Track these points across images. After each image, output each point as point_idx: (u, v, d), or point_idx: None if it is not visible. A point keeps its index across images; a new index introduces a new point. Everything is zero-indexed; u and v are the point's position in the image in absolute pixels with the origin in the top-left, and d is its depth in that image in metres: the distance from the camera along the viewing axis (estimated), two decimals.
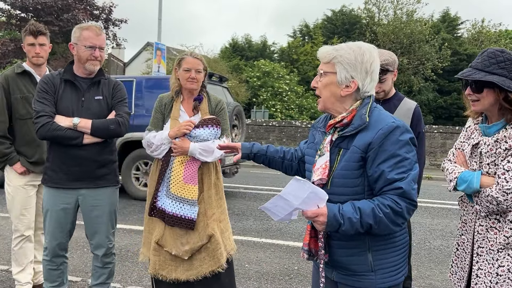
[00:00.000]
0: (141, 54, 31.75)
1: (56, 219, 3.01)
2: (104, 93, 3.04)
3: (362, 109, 1.85)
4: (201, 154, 2.92)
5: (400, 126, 1.77)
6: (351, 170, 1.80)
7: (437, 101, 24.97)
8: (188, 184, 2.93)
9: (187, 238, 2.96)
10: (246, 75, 23.09)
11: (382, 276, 1.83)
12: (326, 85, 1.90)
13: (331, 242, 1.89)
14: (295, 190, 1.74)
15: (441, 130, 16.03)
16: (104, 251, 3.12)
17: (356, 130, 1.81)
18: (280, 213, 1.83)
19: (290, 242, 5.54)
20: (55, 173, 2.97)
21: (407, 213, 1.74)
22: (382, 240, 1.83)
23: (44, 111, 2.85)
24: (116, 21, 23.80)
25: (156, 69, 16.42)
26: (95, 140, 2.93)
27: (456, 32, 27.70)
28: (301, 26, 29.28)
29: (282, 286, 4.12)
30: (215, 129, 2.99)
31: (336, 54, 1.85)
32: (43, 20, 20.50)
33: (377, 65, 1.88)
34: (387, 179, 1.73)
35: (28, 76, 3.42)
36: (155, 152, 2.98)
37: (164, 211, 2.93)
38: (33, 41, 3.37)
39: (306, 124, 16.92)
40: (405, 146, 1.76)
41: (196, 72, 2.98)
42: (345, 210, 1.73)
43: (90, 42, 2.92)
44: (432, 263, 4.97)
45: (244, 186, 9.80)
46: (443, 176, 2.20)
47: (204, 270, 2.95)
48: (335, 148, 1.87)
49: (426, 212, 7.73)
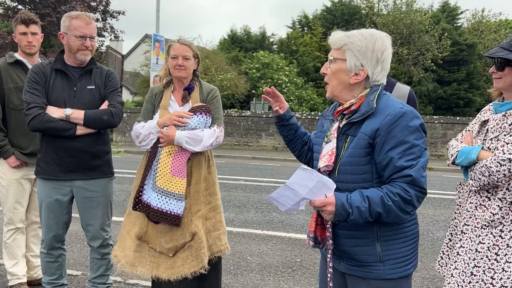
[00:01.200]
0: (140, 46, 31.61)
1: (50, 211, 2.96)
2: (96, 82, 2.97)
3: (371, 95, 1.80)
4: (188, 143, 2.75)
5: (408, 112, 1.73)
6: (358, 157, 1.75)
7: (437, 92, 24.87)
8: (176, 177, 2.76)
9: (171, 235, 2.81)
10: (245, 66, 22.96)
11: (390, 267, 1.79)
12: (335, 72, 1.86)
13: (339, 231, 1.85)
14: (301, 179, 1.70)
15: (441, 121, 15.97)
16: (100, 242, 3.07)
17: (363, 116, 1.76)
18: (287, 203, 1.79)
19: (292, 234, 5.49)
20: (48, 164, 2.91)
21: (417, 201, 1.71)
22: (391, 230, 1.79)
23: (35, 102, 2.78)
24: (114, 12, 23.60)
25: (155, 61, 16.32)
26: (89, 131, 2.86)
27: (456, 22, 27.51)
28: (300, 17, 29.07)
29: (284, 278, 4.07)
30: (204, 117, 2.82)
31: (348, 41, 1.81)
32: (40, 12, 20.32)
33: (389, 54, 1.84)
34: (396, 167, 1.69)
35: (20, 66, 3.34)
36: (143, 143, 2.86)
37: (149, 205, 2.77)
38: (25, 30, 3.29)
39: (306, 116, 16.85)
40: (415, 132, 1.71)
41: (184, 59, 2.82)
42: (353, 199, 1.70)
43: (80, 31, 2.83)
44: (435, 254, 4.92)
45: (245, 178, 9.75)
46: (444, 167, 2.15)
47: (186, 270, 2.78)
48: (342, 136, 1.83)
49: (429, 203, 7.68)
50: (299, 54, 25.63)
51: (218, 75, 20.40)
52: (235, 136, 17.30)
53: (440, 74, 25.04)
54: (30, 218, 3.51)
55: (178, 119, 2.76)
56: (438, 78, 25.19)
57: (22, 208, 3.39)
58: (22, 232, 3.43)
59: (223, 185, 8.49)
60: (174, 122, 2.76)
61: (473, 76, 25.48)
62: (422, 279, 4.19)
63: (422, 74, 24.11)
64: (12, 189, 3.33)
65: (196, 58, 2.92)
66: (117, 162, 3.30)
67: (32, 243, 3.56)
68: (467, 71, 25.17)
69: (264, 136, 16.91)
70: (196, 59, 2.92)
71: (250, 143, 17.14)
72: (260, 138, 17.09)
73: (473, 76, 25.45)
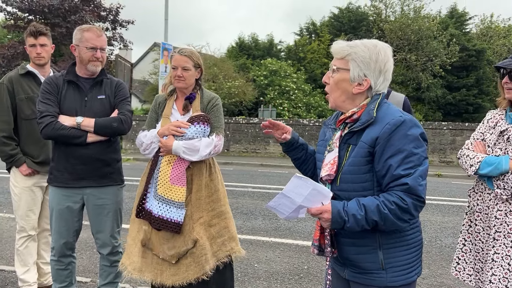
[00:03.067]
0: (148, 54, 31.88)
1: (62, 218, 3.02)
2: (106, 92, 3.05)
3: (371, 104, 1.83)
4: (185, 153, 2.78)
5: (407, 120, 1.75)
6: (359, 165, 1.77)
7: (445, 98, 24.73)
8: (175, 185, 2.80)
9: (173, 242, 2.84)
10: (253, 74, 23.04)
11: (393, 275, 1.80)
12: (338, 82, 1.88)
13: (341, 239, 1.87)
14: (296, 187, 1.73)
15: (450, 127, 15.89)
16: (109, 249, 3.12)
17: (364, 125, 1.79)
18: (285, 211, 1.82)
19: (300, 241, 5.50)
20: (60, 172, 2.98)
21: (414, 209, 1.71)
22: (393, 238, 1.80)
23: (48, 111, 2.88)
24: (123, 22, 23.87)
25: (163, 69, 16.45)
26: (99, 138, 2.94)
27: (464, 27, 27.40)
28: (308, 24, 29.16)
29: (292, 285, 4.08)
30: (202, 126, 2.84)
31: (351, 51, 1.83)
32: (50, 22, 20.63)
33: (391, 65, 1.86)
34: (393, 175, 1.71)
35: (32, 77, 3.44)
36: (146, 151, 2.93)
37: (151, 213, 2.82)
38: (34, 42, 3.39)
39: (314, 123, 16.86)
40: (414, 141, 1.72)
41: (183, 69, 2.85)
42: (349, 207, 1.72)
43: (91, 43, 2.94)
44: (443, 261, 4.91)
45: (252, 185, 9.77)
46: (453, 174, 2.18)
47: (190, 276, 2.80)
48: (344, 145, 1.85)
49: (437, 209, 7.65)
50: (307, 61, 25.67)
51: (226, 82, 20.49)
52: (243, 143, 17.35)
53: (449, 80, 24.91)
54: (41, 226, 3.57)
55: (175, 129, 2.81)
56: (447, 84, 25.06)
57: (34, 216, 3.45)
58: (34, 239, 3.49)
59: (231, 192, 8.52)
60: (172, 132, 2.81)
61: (483, 82, 25.33)
62: (429, 286, 4.18)
63: (430, 80, 24.01)
64: (24, 197, 3.40)
65: (198, 68, 2.93)
66: (127, 169, 3.36)
67: (43, 250, 3.62)
68: (476, 77, 25.02)
69: (272, 143, 16.94)
70: (198, 68, 2.94)
71: (258, 150, 17.18)
72: (268, 145, 17.12)
73: (482, 82, 25.30)
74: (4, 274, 4.09)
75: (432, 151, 15.88)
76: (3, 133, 3.31)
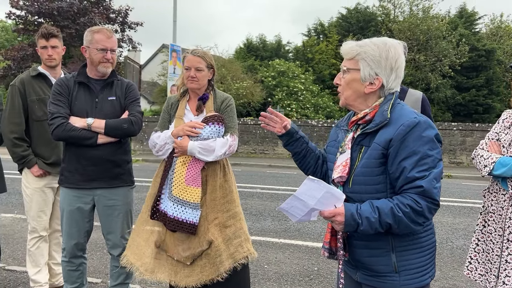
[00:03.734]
0: (157, 56, 31.99)
1: (72, 219, 3.03)
2: (117, 93, 3.07)
3: (384, 105, 1.80)
4: (200, 153, 2.78)
5: (422, 122, 1.72)
6: (372, 167, 1.75)
7: (455, 98, 24.53)
8: (190, 186, 2.79)
9: (188, 243, 2.84)
10: (261, 75, 23.03)
11: (406, 278, 1.78)
12: (349, 82, 1.86)
13: (354, 242, 1.85)
14: (309, 190, 1.71)
15: (460, 128, 15.76)
16: (120, 251, 3.12)
17: (377, 126, 1.76)
18: (297, 214, 1.79)
19: (309, 242, 5.48)
20: (71, 173, 3.00)
21: (429, 212, 1.69)
22: (406, 241, 1.78)
23: (59, 112, 2.89)
24: (132, 24, 24.00)
25: (172, 71, 16.51)
26: (110, 140, 2.95)
27: (474, 27, 27.17)
28: (316, 25, 29.10)
29: (302, 287, 4.07)
30: (217, 126, 2.84)
31: (360, 51, 1.81)
32: (60, 24, 20.79)
33: (402, 61, 1.83)
34: (407, 177, 1.68)
35: (43, 79, 3.47)
36: (160, 153, 2.92)
37: (166, 214, 2.81)
38: (45, 44, 3.41)
39: (322, 124, 16.81)
40: (428, 143, 1.70)
41: (196, 70, 2.85)
42: (363, 209, 1.69)
43: (101, 44, 2.95)
44: (455, 263, 4.86)
45: (261, 186, 9.76)
46: (463, 174, 2.16)
47: (205, 277, 2.80)
48: (356, 146, 1.83)
49: (448, 211, 7.58)
50: (315, 62, 25.61)
51: (234, 83, 20.50)
52: (251, 144, 17.35)
53: (458, 80, 24.71)
54: (52, 227, 3.60)
55: (190, 130, 2.81)
56: (456, 84, 24.86)
57: (45, 217, 3.48)
58: (45, 240, 3.51)
59: (239, 193, 8.47)
60: (187, 133, 2.81)
61: (493, 82, 25.08)
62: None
63: (439, 81, 23.84)
64: (35, 198, 3.42)
65: (210, 68, 2.94)
66: (136, 170, 3.36)
67: (54, 251, 3.64)
68: (486, 77, 24.79)
69: (280, 144, 16.87)
70: (210, 69, 2.94)
71: (266, 151, 17.17)
72: (276, 146, 17.10)
73: (492, 82, 25.06)
74: (15, 274, 4.12)
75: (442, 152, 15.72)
76: (14, 134, 3.34)
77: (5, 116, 3.38)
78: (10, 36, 32.80)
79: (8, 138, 3.35)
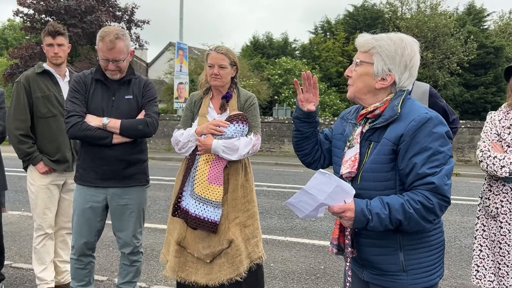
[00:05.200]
0: (164, 54, 32.03)
1: (84, 217, 3.01)
2: (134, 92, 3.02)
3: (395, 100, 1.76)
4: (224, 152, 2.77)
5: (433, 117, 1.68)
6: (381, 163, 1.71)
7: (463, 96, 24.38)
8: (213, 184, 2.79)
9: (208, 241, 2.84)
10: (268, 73, 23.01)
11: (414, 277, 1.75)
12: (360, 75, 1.81)
13: (361, 240, 1.82)
14: (319, 184, 1.66)
15: (468, 125, 15.63)
16: (131, 249, 3.11)
17: (387, 121, 1.72)
18: (305, 209, 1.75)
19: (316, 240, 5.44)
20: (86, 171, 2.98)
21: (440, 209, 1.65)
22: (414, 239, 1.75)
23: (75, 110, 2.87)
24: (138, 22, 24.04)
25: (178, 69, 16.52)
26: (125, 140, 2.92)
27: (482, 24, 26.97)
28: (323, 22, 29.02)
29: (308, 285, 4.04)
30: (241, 125, 2.83)
31: (376, 44, 1.77)
32: (67, 23, 20.89)
33: (417, 60, 1.79)
34: (418, 174, 1.64)
35: (48, 76, 3.45)
36: (183, 150, 2.90)
37: (187, 212, 2.82)
38: (52, 42, 3.39)
39: (329, 121, 16.75)
40: (439, 139, 1.66)
41: (219, 67, 2.83)
42: (373, 205, 1.66)
43: (103, 55, 2.89)
44: (463, 262, 4.81)
45: (267, 184, 9.74)
46: (472, 173, 2.14)
47: (223, 277, 2.79)
48: (365, 141, 1.79)
49: (455, 209, 7.51)
50: (322, 60, 25.54)
51: (241, 81, 20.48)
52: None
53: (467, 77, 24.55)
54: (58, 224, 3.59)
55: (215, 128, 2.79)
56: (465, 82, 24.70)
57: (51, 214, 3.47)
58: (51, 238, 3.50)
59: None
60: (211, 131, 2.79)
61: (501, 79, 24.85)
62: (449, 287, 4.09)
63: (447, 78, 23.69)
64: (41, 195, 3.41)
65: (234, 66, 2.92)
66: None
67: (60, 248, 3.64)
68: (494, 74, 24.60)
69: (286, 142, 16.88)
70: (234, 66, 2.92)
71: (273, 149, 17.14)
72: (283, 144, 17.07)
73: (501, 80, 24.84)
74: (22, 272, 4.13)
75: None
76: (20, 131, 3.33)
77: (10, 112, 3.38)
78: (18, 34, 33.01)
79: (14, 135, 3.34)
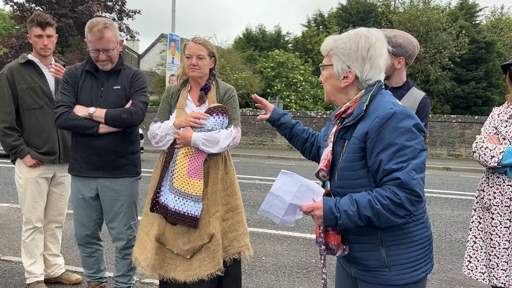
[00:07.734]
0: (156, 45, 31.78)
1: (80, 207, 3.08)
2: (122, 82, 3.02)
3: (363, 97, 1.77)
4: (204, 145, 2.71)
5: (398, 112, 1.66)
6: (352, 161, 1.72)
7: (454, 90, 24.50)
8: (193, 178, 2.71)
9: (189, 236, 2.77)
10: (260, 65, 22.94)
11: (396, 273, 1.75)
12: (326, 79, 1.87)
13: (348, 236, 1.82)
14: (284, 184, 1.69)
15: (459, 120, 15.74)
16: (123, 242, 3.10)
17: (355, 119, 1.73)
18: (278, 213, 1.76)
19: (307, 234, 5.46)
20: (77, 162, 3.02)
21: (410, 204, 1.63)
22: (395, 235, 1.75)
23: (63, 101, 2.92)
24: (129, 12, 23.81)
25: (170, 60, 16.39)
26: (111, 129, 2.91)
27: (474, 19, 27.06)
28: (316, 16, 28.97)
29: (299, 279, 4.04)
30: (221, 118, 2.77)
31: (333, 46, 1.81)
32: (58, 13, 20.63)
33: (376, 50, 1.76)
34: (385, 170, 1.64)
35: (32, 66, 3.37)
36: (160, 143, 2.82)
37: (166, 207, 2.73)
38: (41, 33, 3.31)
39: (321, 115, 16.78)
40: (406, 133, 1.64)
41: (198, 58, 2.76)
42: (341, 203, 1.67)
43: (93, 46, 2.90)
44: (453, 256, 4.85)
45: (260, 177, 9.74)
46: (462, 167, 2.16)
47: (203, 272, 2.71)
48: (340, 140, 1.81)
49: (446, 203, 7.57)
50: (314, 53, 25.51)
51: (233, 74, 20.43)
52: (250, 135, 17.30)
53: (458, 72, 24.67)
54: (47, 217, 3.54)
55: (194, 121, 2.72)
56: (456, 76, 24.82)
57: (40, 207, 3.42)
58: (40, 231, 3.46)
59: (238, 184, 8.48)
60: (191, 124, 2.72)
61: (492, 75, 25.05)
62: (439, 281, 4.12)
63: (439, 73, 23.78)
64: (29, 188, 3.36)
65: (212, 57, 2.85)
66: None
67: (49, 242, 3.60)
68: (485, 69, 24.74)
69: (279, 135, 16.88)
70: (212, 57, 2.85)
71: (265, 142, 17.14)
72: (275, 137, 17.07)
73: (492, 75, 25.03)
74: (11, 265, 4.09)
75: (441, 144, 15.75)
76: (5, 124, 3.26)
77: None
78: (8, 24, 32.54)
79: None
